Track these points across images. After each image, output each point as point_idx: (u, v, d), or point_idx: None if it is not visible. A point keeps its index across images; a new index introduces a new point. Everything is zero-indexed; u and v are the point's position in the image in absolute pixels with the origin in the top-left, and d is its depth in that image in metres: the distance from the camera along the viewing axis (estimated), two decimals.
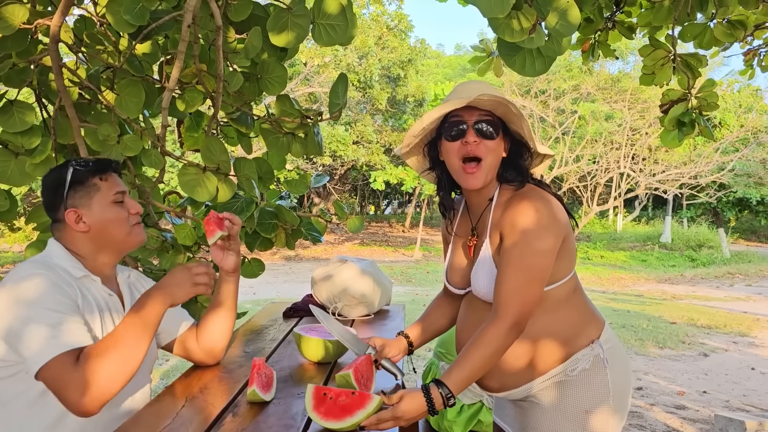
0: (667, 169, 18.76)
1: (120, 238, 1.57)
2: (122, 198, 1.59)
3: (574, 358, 1.49)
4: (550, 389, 1.52)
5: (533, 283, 1.41)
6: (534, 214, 1.41)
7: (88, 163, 1.58)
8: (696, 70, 3.17)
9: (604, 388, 1.49)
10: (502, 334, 1.39)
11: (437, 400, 1.36)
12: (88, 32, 2.25)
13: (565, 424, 1.50)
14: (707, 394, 4.97)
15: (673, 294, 11.48)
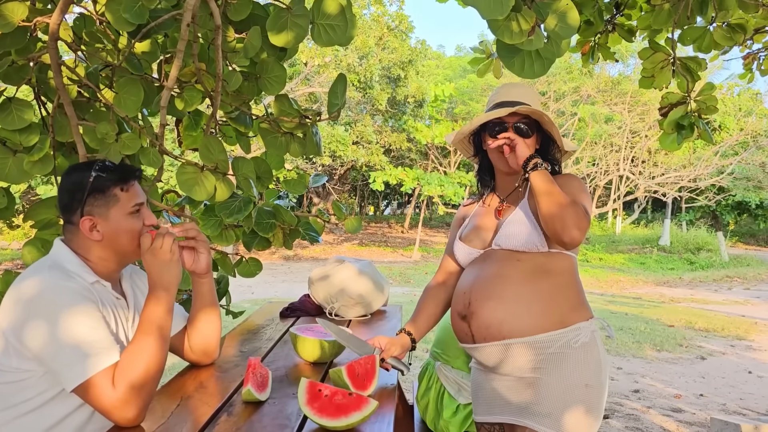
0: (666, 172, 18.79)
1: (130, 249, 1.55)
2: (139, 209, 1.58)
3: (577, 326, 1.60)
4: (554, 362, 1.58)
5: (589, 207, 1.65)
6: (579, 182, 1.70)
7: (111, 170, 1.56)
8: (695, 73, 3.17)
9: (598, 364, 1.60)
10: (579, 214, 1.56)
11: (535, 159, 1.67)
12: (87, 30, 2.25)
13: (569, 398, 1.56)
14: (704, 397, 4.97)
15: (671, 297, 11.48)
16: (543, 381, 1.59)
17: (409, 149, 19.42)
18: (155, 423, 1.37)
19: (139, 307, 1.65)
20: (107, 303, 1.51)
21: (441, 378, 2.32)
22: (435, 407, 2.45)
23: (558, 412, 1.56)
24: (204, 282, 1.75)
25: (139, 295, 1.69)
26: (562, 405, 1.56)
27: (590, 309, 1.68)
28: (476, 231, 1.76)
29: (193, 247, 1.69)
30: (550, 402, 1.57)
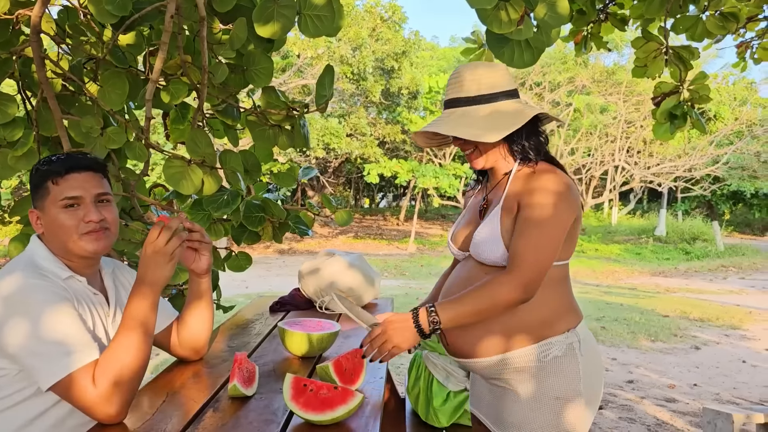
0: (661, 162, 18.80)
1: (68, 246, 1.49)
2: (73, 203, 1.48)
3: (549, 342, 1.51)
4: (522, 374, 1.53)
5: (546, 249, 1.45)
6: (558, 186, 1.48)
7: (51, 162, 1.51)
8: (688, 62, 3.15)
9: (575, 377, 1.51)
10: (509, 288, 1.43)
11: (423, 318, 1.45)
12: (70, 23, 2.22)
13: (537, 410, 1.51)
14: (698, 387, 4.99)
15: (666, 287, 11.51)
16: (511, 392, 1.55)
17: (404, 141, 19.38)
18: (140, 419, 1.35)
19: (121, 303, 1.63)
20: (83, 299, 1.49)
21: (429, 366, 2.31)
22: (425, 397, 2.45)
23: (526, 424, 1.52)
24: (202, 281, 1.73)
25: (122, 291, 1.67)
26: (530, 417, 1.51)
27: (575, 316, 1.57)
28: (463, 230, 1.70)
29: (196, 248, 1.67)
30: (518, 413, 1.53)
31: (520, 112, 1.53)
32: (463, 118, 1.55)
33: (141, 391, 1.53)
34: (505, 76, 1.60)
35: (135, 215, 2.33)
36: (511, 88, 1.59)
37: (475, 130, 1.52)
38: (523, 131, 1.55)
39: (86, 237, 1.48)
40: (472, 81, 1.57)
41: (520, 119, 1.52)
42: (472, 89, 1.56)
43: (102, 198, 1.53)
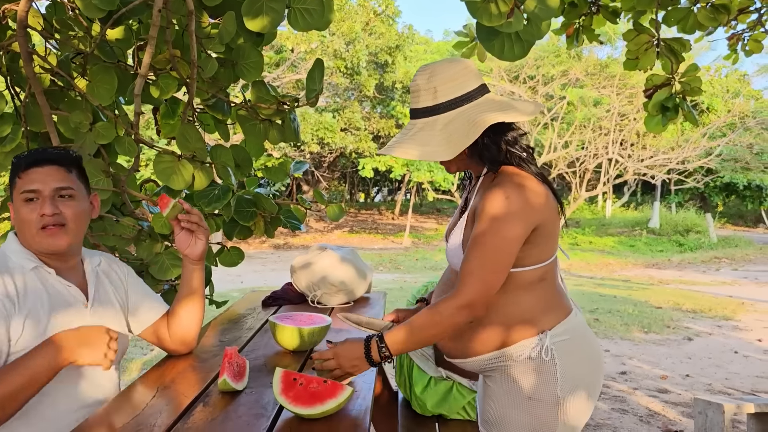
0: (655, 155, 18.85)
1: (28, 240, 1.50)
2: (33, 196, 1.48)
3: (520, 344, 1.49)
4: (497, 372, 1.53)
5: (493, 266, 1.41)
6: (501, 202, 1.42)
7: (19, 155, 1.53)
8: (680, 54, 3.15)
9: (551, 380, 1.48)
10: (453, 310, 1.42)
11: (374, 349, 1.45)
12: (58, 17, 2.20)
13: (511, 408, 1.51)
14: (690, 377, 5.02)
15: (660, 279, 11.56)
16: (490, 388, 1.56)
17: None
18: (130, 414, 1.35)
19: (101, 296, 1.62)
20: (49, 290, 1.49)
21: None
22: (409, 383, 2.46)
23: (503, 422, 1.52)
24: (195, 269, 1.74)
25: (108, 285, 1.66)
26: (506, 416, 1.51)
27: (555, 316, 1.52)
28: (448, 230, 1.67)
29: (193, 231, 1.69)
30: (495, 410, 1.54)
31: (475, 125, 1.45)
32: (420, 134, 1.50)
33: (132, 386, 1.54)
34: (465, 75, 1.51)
35: (126, 211, 2.32)
36: (473, 89, 1.51)
37: (430, 147, 1.47)
38: (483, 138, 1.47)
39: (42, 233, 1.48)
40: (428, 90, 1.50)
41: (473, 133, 1.44)
42: (428, 99, 1.50)
43: (63, 193, 1.51)
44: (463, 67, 1.51)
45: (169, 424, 1.30)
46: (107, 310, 1.63)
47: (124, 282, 1.73)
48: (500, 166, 1.50)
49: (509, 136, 1.51)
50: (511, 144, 1.51)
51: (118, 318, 1.66)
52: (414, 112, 1.54)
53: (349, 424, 1.31)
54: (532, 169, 1.50)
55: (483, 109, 1.48)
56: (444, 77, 1.49)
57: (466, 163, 1.57)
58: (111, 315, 1.64)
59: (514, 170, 1.48)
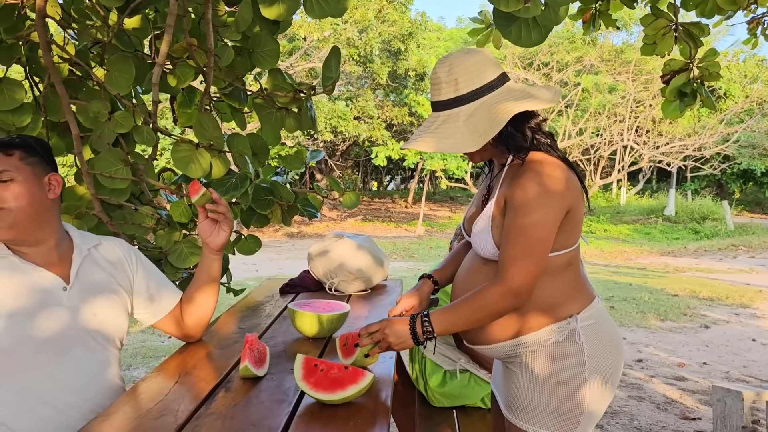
0: (671, 142, 18.64)
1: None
2: None
3: (548, 329, 1.51)
4: (525, 357, 1.54)
5: (533, 253, 1.43)
6: (535, 188, 1.43)
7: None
8: (698, 39, 3.11)
9: (578, 363, 1.50)
10: (498, 296, 1.44)
11: (418, 327, 1.48)
12: (76, 7, 2.21)
13: (539, 393, 1.52)
14: (707, 365, 4.99)
15: (675, 267, 11.48)
16: (516, 374, 1.57)
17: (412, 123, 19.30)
18: (153, 400, 1.37)
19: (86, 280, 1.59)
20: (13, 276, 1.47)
21: None
22: (423, 377, 2.47)
23: (531, 407, 1.53)
24: (215, 258, 1.76)
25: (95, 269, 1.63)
26: (533, 401, 1.52)
27: (582, 300, 1.54)
28: (470, 217, 1.68)
29: (217, 221, 1.71)
30: (522, 396, 1.54)
31: (499, 114, 1.45)
32: (444, 126, 1.51)
33: (154, 372, 1.56)
34: (484, 65, 1.51)
35: (144, 200, 2.34)
36: (493, 78, 1.50)
37: (455, 139, 1.48)
38: (507, 126, 1.49)
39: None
40: (449, 82, 1.50)
41: (498, 123, 1.44)
42: (450, 91, 1.50)
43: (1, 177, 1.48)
44: (482, 57, 1.52)
45: (192, 409, 1.31)
46: (94, 291, 1.59)
47: (131, 266, 1.71)
48: (527, 153, 1.50)
49: (532, 123, 1.53)
50: (535, 131, 1.53)
51: (110, 301, 1.61)
52: (436, 105, 1.54)
53: (370, 409, 1.32)
54: (558, 154, 1.52)
55: (505, 98, 1.49)
56: (465, 68, 1.49)
57: (491, 152, 1.58)
58: (99, 298, 1.59)
59: (542, 156, 1.50)
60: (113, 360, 1.61)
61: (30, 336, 1.45)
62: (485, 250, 1.54)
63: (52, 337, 1.48)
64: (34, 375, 1.44)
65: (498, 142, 1.53)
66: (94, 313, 1.56)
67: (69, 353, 1.50)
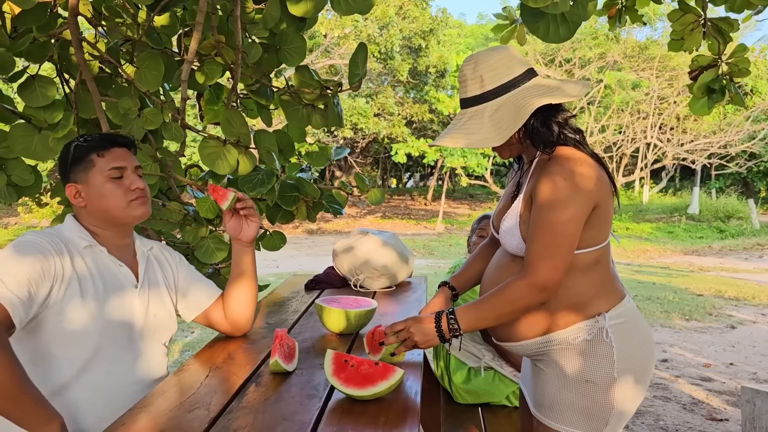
0: (695, 139, 18.38)
1: (116, 213, 1.58)
2: (120, 174, 1.58)
3: (576, 327, 1.50)
4: (553, 355, 1.53)
5: (559, 248, 1.42)
6: (560, 183, 1.42)
7: (89, 139, 1.60)
8: (727, 34, 3.06)
9: (607, 361, 1.48)
10: (524, 291, 1.44)
11: (444, 325, 1.49)
12: (106, 5, 2.24)
13: (567, 391, 1.51)
14: (734, 366, 4.92)
15: (700, 266, 11.32)
16: (544, 372, 1.56)
17: (431, 120, 19.26)
18: (185, 394, 1.38)
19: (150, 279, 1.68)
20: (100, 268, 1.55)
21: None
22: (447, 374, 2.47)
23: (559, 406, 1.52)
24: (247, 251, 1.80)
25: (157, 269, 1.72)
26: (562, 399, 1.51)
27: (611, 298, 1.52)
28: (498, 214, 1.67)
29: (246, 216, 1.75)
30: (551, 394, 1.53)
31: (522, 109, 1.45)
32: (470, 122, 1.51)
33: (185, 366, 1.57)
34: (509, 61, 1.50)
35: (172, 195, 2.36)
36: (518, 74, 1.50)
37: (480, 135, 1.48)
38: (532, 120, 1.48)
39: (133, 203, 1.59)
40: (475, 79, 1.50)
41: (520, 117, 1.44)
42: (475, 87, 1.50)
43: (138, 172, 1.64)
44: (507, 54, 1.52)
45: (224, 402, 1.33)
46: (155, 293, 1.69)
47: (174, 268, 1.78)
48: (554, 148, 1.49)
49: (559, 117, 1.52)
50: (563, 125, 1.51)
51: (165, 302, 1.71)
52: (463, 102, 1.55)
53: (400, 406, 1.32)
54: (587, 150, 1.50)
55: (530, 93, 1.49)
56: (489, 65, 1.50)
57: (519, 147, 1.57)
58: (159, 298, 1.69)
59: (570, 152, 1.48)
60: (164, 357, 1.71)
61: (111, 326, 1.53)
62: (513, 246, 1.54)
63: (125, 330, 1.58)
64: (106, 365, 1.52)
65: (524, 137, 1.52)
66: (154, 313, 1.66)
67: (133, 348, 1.59)
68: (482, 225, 2.68)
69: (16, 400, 1.28)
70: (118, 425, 1.22)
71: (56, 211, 11.55)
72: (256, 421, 1.23)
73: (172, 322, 1.75)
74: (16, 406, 1.28)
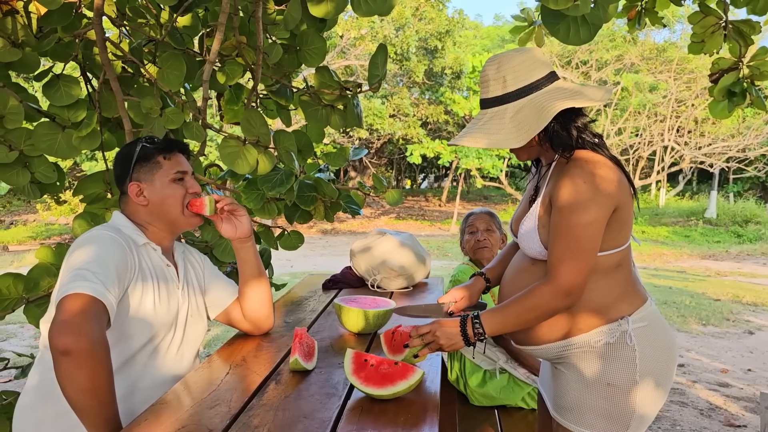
0: (713, 142, 18.20)
1: (174, 216, 1.63)
2: (183, 176, 1.66)
3: (599, 330, 1.49)
4: (574, 358, 1.52)
5: (582, 252, 1.42)
6: (579, 187, 1.42)
7: (155, 141, 1.67)
8: (748, 37, 3.04)
9: (629, 365, 1.47)
10: (549, 296, 1.43)
11: (469, 328, 1.48)
12: (130, 6, 2.27)
13: (588, 394, 1.50)
14: (752, 372, 4.86)
15: (717, 270, 11.20)
16: (565, 375, 1.55)
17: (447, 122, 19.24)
18: (206, 390, 1.40)
19: (188, 279, 1.72)
20: (153, 266, 1.60)
21: None
22: (462, 376, 2.46)
23: (579, 408, 1.51)
24: (248, 246, 1.79)
25: (190, 269, 1.77)
26: (583, 402, 1.50)
27: (634, 302, 1.52)
28: (518, 217, 1.66)
29: (232, 211, 1.75)
30: (571, 397, 1.53)
31: (543, 111, 1.45)
32: (491, 123, 1.51)
33: (206, 363, 1.59)
34: (532, 63, 1.50)
35: None
36: (541, 76, 1.50)
37: (500, 135, 1.48)
38: (552, 123, 1.48)
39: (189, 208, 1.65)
40: (497, 80, 1.50)
41: (542, 120, 1.44)
42: (498, 88, 1.50)
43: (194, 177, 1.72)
44: (531, 56, 1.52)
45: (244, 399, 1.34)
46: (192, 293, 1.73)
47: (202, 269, 1.82)
48: (573, 152, 1.49)
49: (579, 122, 1.52)
50: (582, 130, 1.51)
51: (199, 303, 1.76)
52: (484, 102, 1.55)
53: (419, 405, 1.32)
54: (606, 153, 1.49)
55: (552, 96, 1.49)
56: (512, 66, 1.50)
57: (537, 150, 1.57)
58: (195, 299, 1.73)
59: (588, 155, 1.48)
60: (195, 357, 1.73)
61: (161, 322, 1.58)
62: (533, 250, 1.54)
63: (173, 328, 1.62)
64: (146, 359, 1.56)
65: (543, 140, 1.52)
66: (191, 314, 1.70)
67: (173, 347, 1.63)
68: (469, 222, 2.73)
69: (102, 407, 1.31)
70: (141, 420, 1.24)
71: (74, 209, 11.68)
72: (277, 419, 1.24)
73: (204, 323, 1.78)
74: (101, 410, 1.30)
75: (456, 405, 2.43)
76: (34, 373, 1.52)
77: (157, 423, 1.23)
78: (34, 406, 1.49)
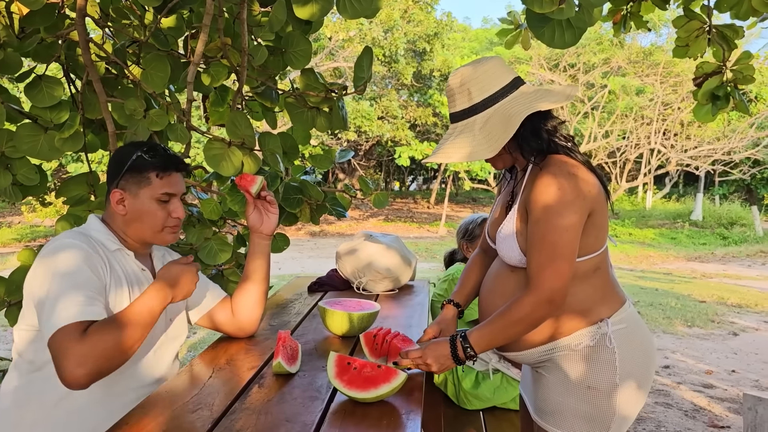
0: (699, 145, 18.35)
1: (148, 234, 1.60)
2: (168, 198, 1.60)
3: (579, 334, 1.49)
4: (556, 361, 1.52)
5: (560, 258, 1.41)
6: (555, 192, 1.41)
7: (155, 154, 1.60)
8: (732, 41, 3.07)
9: (610, 368, 1.48)
10: (533, 306, 1.42)
11: (459, 349, 1.48)
12: (114, 6, 2.25)
13: (569, 397, 1.50)
14: (736, 373, 4.91)
15: (703, 272, 11.29)
16: (546, 378, 1.56)
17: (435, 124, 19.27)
18: (188, 394, 1.39)
19: None
20: (126, 271, 1.56)
21: None
22: (452, 378, 2.46)
23: (561, 411, 1.51)
24: (265, 244, 1.82)
25: None
26: (564, 405, 1.51)
27: (612, 304, 1.52)
28: (494, 223, 1.66)
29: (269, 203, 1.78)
30: (552, 400, 1.53)
31: (511, 118, 1.45)
32: (461, 136, 1.51)
33: (189, 366, 1.58)
34: (495, 72, 1.51)
35: None
36: (504, 84, 1.50)
37: (471, 147, 1.48)
38: (522, 129, 1.47)
39: (167, 231, 1.61)
40: (462, 93, 1.51)
41: (511, 126, 1.44)
42: (464, 101, 1.51)
43: (182, 198, 1.68)
44: (492, 65, 1.52)
45: (227, 403, 1.33)
46: None
47: None
48: (545, 156, 1.49)
49: (548, 125, 1.51)
50: (552, 133, 1.51)
51: (179, 307, 1.73)
52: (453, 116, 1.55)
53: (402, 408, 1.32)
54: (579, 158, 1.49)
55: (518, 102, 1.49)
56: (475, 78, 1.50)
57: (511, 158, 1.57)
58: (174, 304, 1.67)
59: (562, 159, 1.48)
60: (176, 362, 1.72)
61: None
62: (512, 258, 1.53)
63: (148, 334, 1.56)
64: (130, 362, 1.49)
65: (514, 147, 1.52)
66: (171, 318, 1.68)
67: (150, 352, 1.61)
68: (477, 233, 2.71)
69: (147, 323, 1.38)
70: (121, 425, 1.23)
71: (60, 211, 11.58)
72: (259, 422, 1.24)
73: (185, 327, 1.76)
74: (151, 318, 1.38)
75: (442, 408, 2.43)
76: (10, 379, 1.50)
77: (137, 427, 1.22)
78: (9, 411, 1.47)
